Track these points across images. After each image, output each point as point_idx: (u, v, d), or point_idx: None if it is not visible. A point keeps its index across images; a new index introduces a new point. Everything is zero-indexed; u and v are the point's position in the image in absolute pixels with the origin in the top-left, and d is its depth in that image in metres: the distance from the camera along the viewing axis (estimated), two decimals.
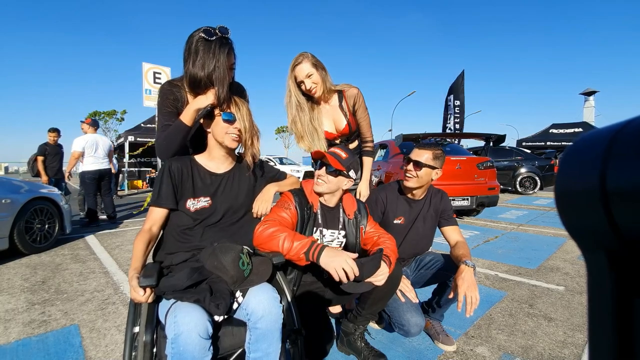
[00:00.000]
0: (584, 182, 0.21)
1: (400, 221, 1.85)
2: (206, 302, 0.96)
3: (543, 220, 5.60)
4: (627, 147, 0.19)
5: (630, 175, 0.18)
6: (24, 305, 2.35)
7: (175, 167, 1.28)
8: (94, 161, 5.12)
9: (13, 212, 3.41)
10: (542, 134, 20.46)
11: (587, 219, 0.21)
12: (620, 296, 0.21)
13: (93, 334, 1.97)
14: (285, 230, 1.34)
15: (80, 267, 3.20)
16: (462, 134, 6.53)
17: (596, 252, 0.22)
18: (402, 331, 1.63)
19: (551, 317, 2.14)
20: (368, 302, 1.57)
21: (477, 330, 1.98)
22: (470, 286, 1.48)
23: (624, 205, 0.19)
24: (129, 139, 12.18)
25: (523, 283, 2.75)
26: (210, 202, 1.32)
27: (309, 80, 1.78)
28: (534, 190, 9.60)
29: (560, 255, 3.56)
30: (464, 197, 5.14)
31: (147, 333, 0.97)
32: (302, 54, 1.79)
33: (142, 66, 6.28)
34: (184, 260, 1.18)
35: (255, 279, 1.11)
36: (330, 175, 1.48)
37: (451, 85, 12.78)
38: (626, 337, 0.21)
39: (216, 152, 1.37)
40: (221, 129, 1.30)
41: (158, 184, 1.27)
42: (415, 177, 1.75)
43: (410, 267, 1.93)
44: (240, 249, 1.13)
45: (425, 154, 1.74)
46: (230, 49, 1.35)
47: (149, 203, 1.27)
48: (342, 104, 1.95)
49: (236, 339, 1.08)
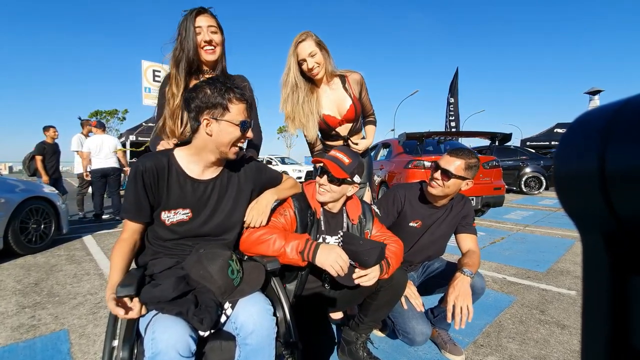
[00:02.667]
0: (582, 163, 0.21)
1: (416, 225, 1.72)
2: (189, 315, 0.86)
3: (550, 221, 5.47)
4: (626, 129, 0.19)
5: (629, 158, 0.18)
6: (14, 309, 2.27)
7: (148, 171, 1.07)
8: (98, 161, 5.29)
9: (7, 212, 3.33)
10: (547, 134, 20.21)
11: (584, 201, 0.22)
12: (616, 276, 0.21)
13: (82, 340, 1.88)
14: (274, 231, 1.24)
15: (75, 268, 3.12)
16: (467, 132, 6.39)
17: (593, 233, 0.22)
18: (407, 339, 1.52)
19: (564, 324, 2.03)
20: (370, 309, 1.48)
21: (486, 338, 1.87)
22: (460, 295, 1.36)
23: (622, 188, 0.19)
24: (130, 138, 12.13)
25: (533, 287, 2.63)
26: (191, 214, 1.12)
27: (311, 59, 1.69)
28: (539, 190, 9.46)
29: (570, 258, 3.43)
30: (469, 198, 5.02)
31: (125, 349, 0.87)
32: (306, 32, 1.70)
33: (142, 64, 6.21)
34: (168, 267, 1.07)
35: (246, 289, 1.01)
36: (332, 184, 1.36)
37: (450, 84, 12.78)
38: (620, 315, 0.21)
39: (206, 157, 1.13)
40: (230, 139, 1.08)
41: (128, 191, 1.07)
42: (441, 187, 1.57)
43: (418, 271, 1.83)
44: (229, 255, 1.02)
45: (456, 162, 1.53)
46: (200, 12, 1.40)
47: (120, 212, 1.13)
48: (345, 86, 1.85)
49: (225, 354, 0.96)
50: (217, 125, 1.06)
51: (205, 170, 1.17)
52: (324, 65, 1.74)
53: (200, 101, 1.05)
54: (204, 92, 1.05)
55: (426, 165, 4.87)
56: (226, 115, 1.06)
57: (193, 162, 1.14)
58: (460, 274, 1.44)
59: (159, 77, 6.27)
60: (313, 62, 1.70)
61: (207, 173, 1.18)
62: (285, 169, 15.53)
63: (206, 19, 1.44)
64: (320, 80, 1.80)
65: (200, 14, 1.43)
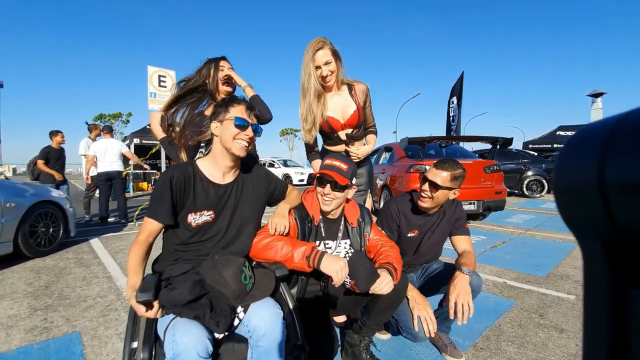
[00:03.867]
0: (582, 174, 0.22)
1: (414, 234, 1.83)
2: (206, 319, 0.92)
3: (551, 225, 5.50)
4: (626, 140, 0.20)
5: (629, 169, 0.19)
6: (27, 311, 2.33)
7: (176, 178, 1.19)
8: (103, 164, 5.42)
9: (17, 216, 3.41)
10: (549, 136, 20.21)
11: (584, 210, 0.22)
12: (615, 285, 0.21)
13: (94, 342, 1.94)
14: (281, 238, 1.34)
15: (84, 271, 3.19)
16: (468, 137, 6.43)
17: (593, 241, 0.22)
18: (410, 335, 1.58)
19: (562, 328, 2.08)
20: (373, 313, 1.53)
21: (486, 342, 1.92)
22: (461, 293, 1.45)
23: (622, 198, 0.19)
24: (134, 142, 12.24)
25: (532, 291, 2.68)
26: (214, 216, 1.24)
27: (326, 67, 1.77)
28: (541, 194, 9.46)
29: (570, 262, 3.47)
30: (470, 201, 5.07)
31: (145, 350, 0.94)
32: (323, 40, 1.77)
33: (147, 69, 6.30)
34: (184, 272, 1.14)
35: (258, 294, 1.08)
36: (336, 191, 1.45)
37: (452, 87, 12.77)
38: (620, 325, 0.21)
39: (222, 161, 1.27)
40: (230, 134, 1.20)
41: (157, 194, 1.18)
42: (430, 199, 1.68)
43: (417, 273, 1.92)
44: (242, 261, 1.09)
45: (442, 174, 1.64)
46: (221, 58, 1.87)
47: (146, 213, 1.19)
48: (351, 94, 1.93)
49: (237, 356, 1.03)
50: (220, 125, 1.23)
51: (224, 176, 1.30)
52: (336, 74, 1.82)
53: (213, 113, 1.25)
54: (216, 106, 1.26)
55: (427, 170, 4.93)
56: (226, 115, 1.23)
57: (213, 168, 1.29)
58: (460, 273, 1.52)
59: (164, 82, 6.37)
60: (327, 70, 1.78)
61: (226, 178, 1.31)
62: (288, 172, 15.58)
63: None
64: (331, 87, 1.88)
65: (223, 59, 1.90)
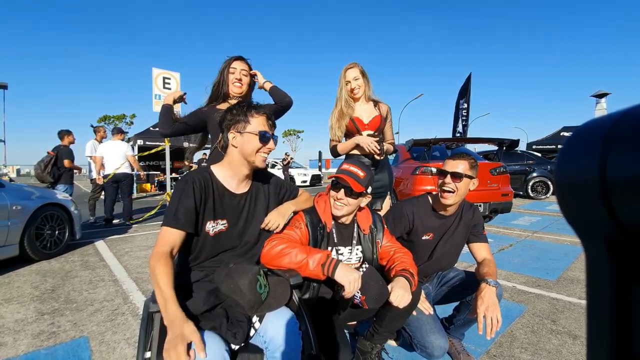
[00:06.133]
0: (583, 172, 0.21)
1: (429, 237, 1.77)
2: (222, 329, 0.90)
3: (558, 227, 5.45)
4: (626, 137, 0.19)
5: (630, 166, 0.18)
6: (34, 316, 2.32)
7: (197, 182, 1.14)
8: (110, 166, 5.46)
9: (24, 219, 3.41)
10: (553, 137, 20.09)
11: (586, 208, 0.22)
12: (619, 284, 0.21)
13: (102, 347, 1.93)
14: (295, 245, 1.31)
15: (90, 274, 3.18)
16: (474, 139, 6.38)
17: (595, 241, 0.22)
18: (425, 353, 1.55)
19: (576, 335, 2.04)
20: (385, 320, 1.50)
21: (498, 348, 1.89)
22: (490, 306, 1.40)
23: (624, 196, 0.19)
24: (138, 143, 12.27)
25: (543, 296, 2.64)
26: (227, 225, 1.22)
27: (355, 82, 2.25)
28: (546, 195, 9.40)
29: (580, 266, 3.43)
30: (476, 204, 5.02)
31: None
32: (354, 63, 2.29)
33: (152, 72, 6.31)
34: (197, 280, 1.12)
35: (273, 304, 1.05)
36: (350, 197, 1.42)
37: (460, 88, 12.69)
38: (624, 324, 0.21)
39: (239, 170, 1.23)
40: (253, 148, 1.17)
41: (178, 198, 1.10)
42: (454, 191, 1.64)
43: (433, 283, 1.86)
44: (257, 270, 1.07)
45: (461, 164, 1.64)
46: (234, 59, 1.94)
47: (164, 222, 1.09)
48: (376, 107, 2.35)
49: None
50: (240, 137, 1.18)
51: (239, 184, 1.28)
52: (363, 88, 2.28)
53: (229, 120, 1.19)
54: (231, 113, 1.19)
55: (433, 172, 4.89)
56: (247, 127, 1.18)
57: (229, 176, 1.25)
58: (486, 285, 1.47)
59: (169, 84, 6.37)
60: (355, 84, 2.25)
61: (240, 187, 1.28)
62: (291, 173, 15.56)
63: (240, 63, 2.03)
64: (358, 99, 2.33)
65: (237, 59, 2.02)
